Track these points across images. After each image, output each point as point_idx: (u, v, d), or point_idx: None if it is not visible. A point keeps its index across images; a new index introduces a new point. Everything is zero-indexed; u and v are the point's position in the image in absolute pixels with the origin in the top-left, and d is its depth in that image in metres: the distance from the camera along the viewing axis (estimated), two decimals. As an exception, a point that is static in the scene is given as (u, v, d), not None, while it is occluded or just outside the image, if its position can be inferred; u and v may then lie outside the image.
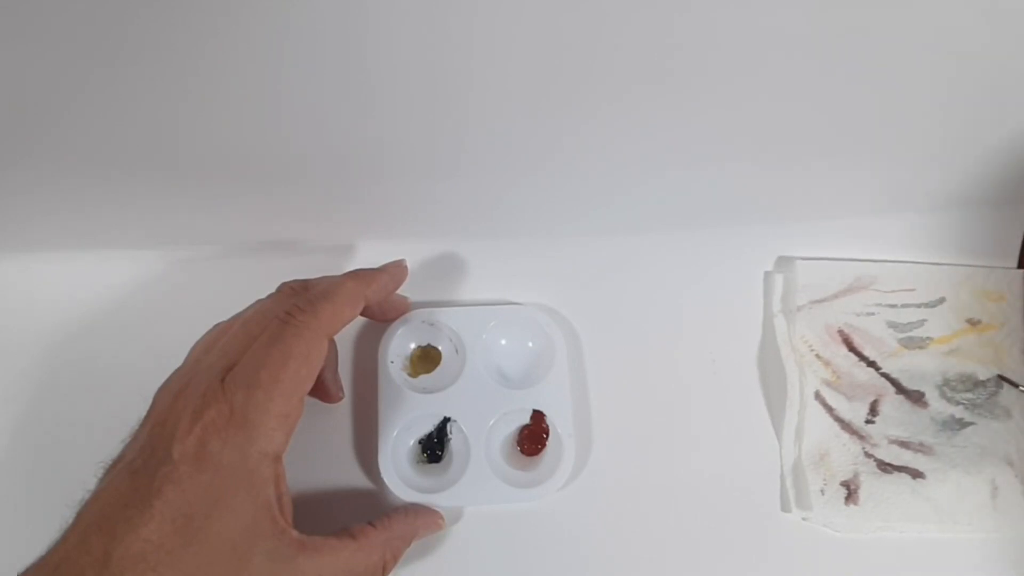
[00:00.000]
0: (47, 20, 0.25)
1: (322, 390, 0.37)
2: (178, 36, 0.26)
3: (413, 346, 0.40)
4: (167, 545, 0.25)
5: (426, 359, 0.39)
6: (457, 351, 0.39)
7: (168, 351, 0.31)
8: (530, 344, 0.40)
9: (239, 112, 0.31)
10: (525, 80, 0.30)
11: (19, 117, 0.30)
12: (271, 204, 0.39)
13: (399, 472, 0.36)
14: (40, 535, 0.26)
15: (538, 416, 0.38)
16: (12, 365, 0.39)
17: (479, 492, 0.36)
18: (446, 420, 0.38)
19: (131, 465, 0.27)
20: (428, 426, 0.38)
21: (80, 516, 0.26)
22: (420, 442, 0.38)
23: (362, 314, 0.35)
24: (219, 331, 0.32)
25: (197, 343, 0.32)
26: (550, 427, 0.38)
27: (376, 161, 0.35)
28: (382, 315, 0.39)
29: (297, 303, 0.30)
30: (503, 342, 0.40)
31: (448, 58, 0.29)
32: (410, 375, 0.39)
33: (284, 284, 0.34)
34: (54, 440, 0.38)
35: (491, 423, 0.37)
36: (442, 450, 0.38)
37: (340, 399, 0.38)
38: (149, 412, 0.29)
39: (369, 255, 0.42)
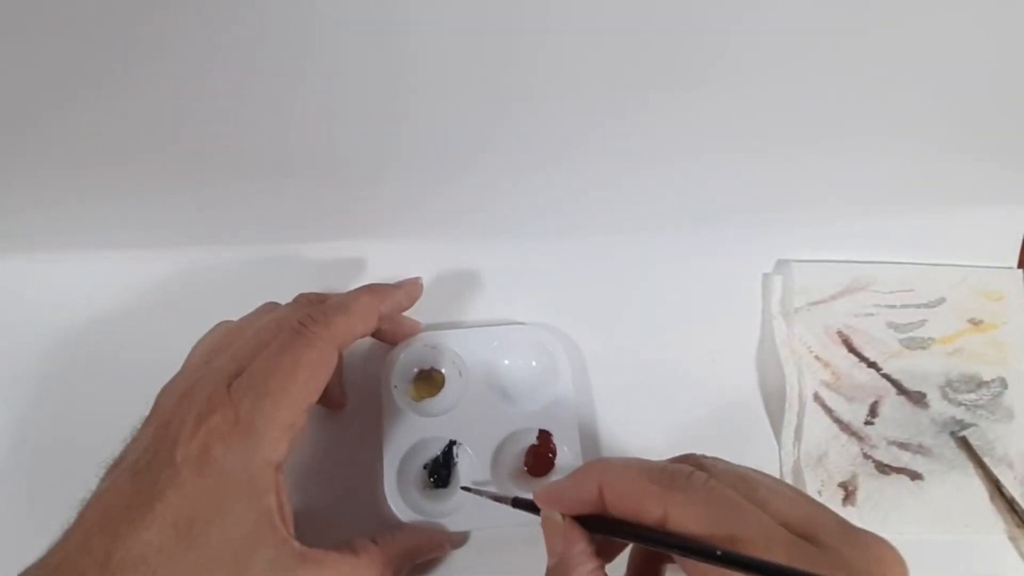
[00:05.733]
0: (48, 18, 0.25)
1: (326, 397, 0.37)
2: (179, 34, 0.26)
3: (416, 370, 0.39)
4: (168, 549, 0.25)
5: (429, 383, 0.39)
6: (460, 373, 0.38)
7: (170, 351, 0.31)
8: (534, 363, 0.40)
9: (242, 113, 0.31)
10: (523, 79, 0.30)
11: (21, 117, 0.30)
12: (273, 205, 0.39)
13: (405, 497, 0.35)
14: (41, 535, 0.26)
15: (544, 436, 0.37)
16: (14, 364, 0.39)
17: (486, 515, 0.35)
18: (452, 444, 0.37)
19: (134, 466, 0.27)
20: (434, 450, 0.37)
21: (82, 516, 0.26)
22: (426, 467, 0.37)
23: (373, 335, 0.35)
24: (226, 332, 0.32)
25: (200, 342, 0.33)
26: (557, 447, 0.37)
27: (378, 163, 0.35)
28: (392, 337, 0.38)
29: (311, 313, 0.30)
30: (506, 362, 0.39)
31: (447, 58, 0.29)
32: (413, 399, 0.38)
33: (301, 295, 0.34)
34: (56, 439, 0.38)
35: (497, 445, 0.37)
36: (449, 474, 0.37)
37: (344, 407, 0.38)
38: (152, 412, 0.29)
39: (369, 255, 0.42)
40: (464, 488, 0.35)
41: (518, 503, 0.30)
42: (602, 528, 0.26)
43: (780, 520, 0.23)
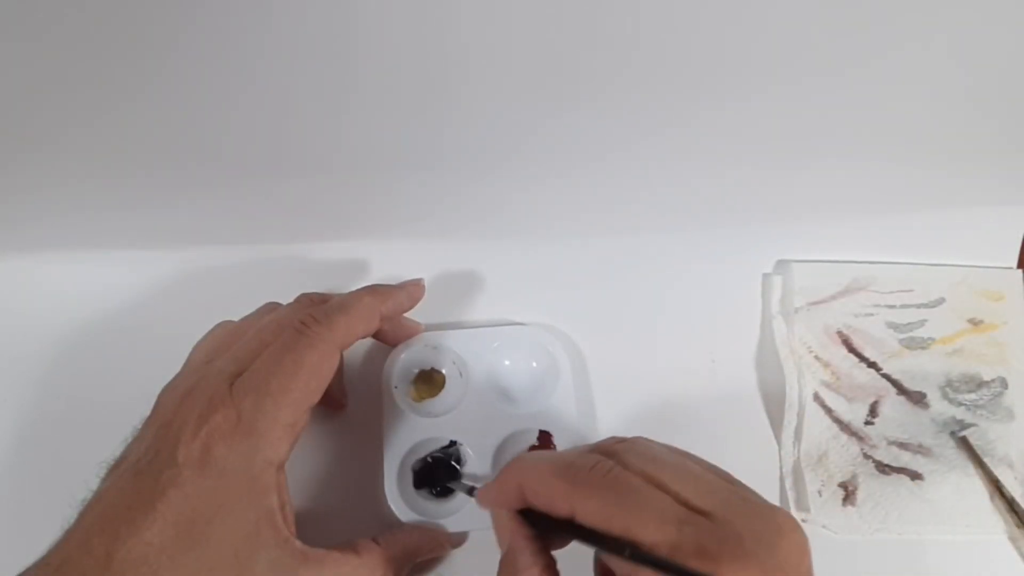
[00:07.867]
0: (52, 18, 0.25)
1: (326, 397, 0.37)
2: (184, 33, 0.26)
3: (416, 371, 0.39)
4: (169, 549, 0.25)
5: (429, 383, 0.39)
6: (461, 374, 0.38)
7: (170, 351, 0.31)
8: (534, 364, 0.40)
9: (244, 113, 0.31)
10: (526, 85, 0.30)
11: (22, 117, 0.30)
12: (275, 205, 0.39)
13: (405, 497, 0.35)
14: (41, 535, 0.26)
15: (545, 437, 0.38)
16: (14, 364, 0.39)
17: (486, 515, 0.34)
18: (452, 444, 0.37)
19: (135, 466, 0.27)
20: (434, 451, 0.37)
21: (83, 516, 0.26)
22: (428, 465, 0.37)
23: (374, 336, 0.35)
24: (227, 332, 0.32)
25: (200, 342, 0.33)
26: (557, 447, 0.37)
27: (381, 164, 0.35)
28: (393, 338, 0.38)
29: (313, 313, 0.30)
30: (507, 363, 0.39)
31: (448, 61, 0.29)
32: (414, 400, 0.38)
33: (302, 295, 0.34)
34: (56, 439, 0.38)
35: (497, 445, 0.37)
36: (449, 476, 0.37)
37: (344, 407, 0.38)
38: (153, 412, 0.29)
39: (371, 255, 0.42)
40: (451, 485, 0.36)
41: (472, 492, 0.32)
42: (539, 523, 0.27)
43: (681, 500, 0.23)
